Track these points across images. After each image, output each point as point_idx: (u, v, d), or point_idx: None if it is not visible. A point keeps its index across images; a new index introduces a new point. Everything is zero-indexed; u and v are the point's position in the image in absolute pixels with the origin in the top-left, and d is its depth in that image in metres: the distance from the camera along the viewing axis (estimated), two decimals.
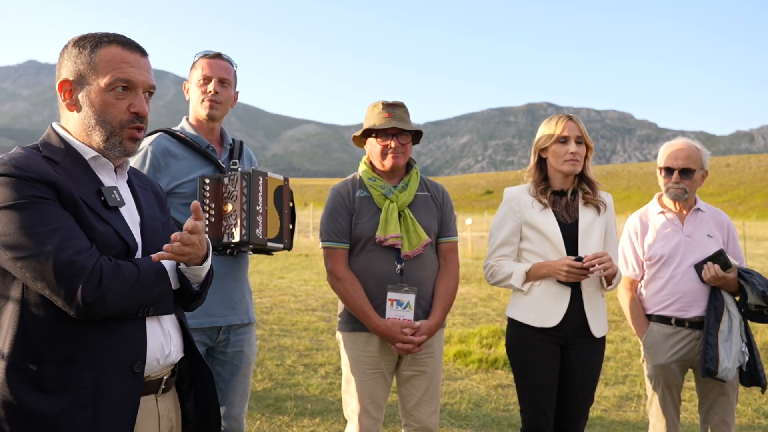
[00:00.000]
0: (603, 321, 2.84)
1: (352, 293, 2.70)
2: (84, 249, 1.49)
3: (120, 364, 1.55)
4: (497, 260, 2.88)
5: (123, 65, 1.62)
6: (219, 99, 2.60)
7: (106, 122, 1.63)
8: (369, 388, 2.74)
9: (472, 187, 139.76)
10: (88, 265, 1.48)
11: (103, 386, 1.52)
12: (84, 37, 1.65)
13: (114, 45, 1.63)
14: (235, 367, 2.64)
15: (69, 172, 1.58)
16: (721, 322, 2.92)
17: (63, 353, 1.50)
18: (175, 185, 2.51)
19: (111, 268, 1.51)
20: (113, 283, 1.50)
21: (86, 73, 1.62)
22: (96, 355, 1.52)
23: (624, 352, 6.54)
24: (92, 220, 1.56)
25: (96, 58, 1.61)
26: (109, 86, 1.61)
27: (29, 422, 1.47)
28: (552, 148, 2.86)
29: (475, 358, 6.02)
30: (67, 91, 1.64)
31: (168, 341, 1.68)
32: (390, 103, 2.80)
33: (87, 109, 1.63)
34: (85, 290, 1.46)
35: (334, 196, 2.82)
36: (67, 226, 1.50)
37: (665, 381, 3.08)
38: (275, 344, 6.53)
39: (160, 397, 1.69)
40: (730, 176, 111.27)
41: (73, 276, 1.45)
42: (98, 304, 1.48)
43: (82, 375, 1.51)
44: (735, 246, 3.17)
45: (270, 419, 4.30)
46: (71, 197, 1.53)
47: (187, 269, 1.68)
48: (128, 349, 1.56)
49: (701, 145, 3.14)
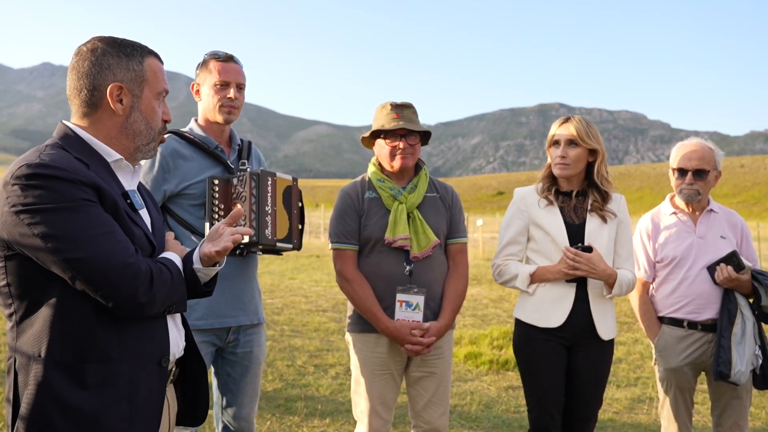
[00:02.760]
0: (611, 323, 2.82)
1: (361, 294, 2.70)
2: (134, 252, 1.55)
3: (151, 359, 1.63)
4: (504, 260, 2.88)
5: (163, 76, 1.74)
6: (237, 105, 2.63)
7: (152, 128, 1.71)
8: (378, 389, 2.74)
9: (483, 188, 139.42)
10: (144, 268, 1.54)
11: (138, 380, 1.59)
12: (125, 43, 1.69)
13: (153, 57, 1.73)
14: (244, 367, 2.65)
15: (100, 174, 1.61)
16: (735, 324, 2.89)
17: (102, 351, 1.55)
18: (185, 186, 2.52)
19: (158, 270, 1.59)
20: (161, 284, 1.58)
21: (137, 80, 1.68)
22: (131, 352, 1.59)
23: (636, 354, 6.50)
24: (128, 223, 1.61)
25: (145, 67, 1.69)
26: (158, 96, 1.71)
27: (71, 419, 1.51)
28: (550, 149, 2.87)
29: (485, 359, 6.00)
30: (118, 95, 1.66)
31: (181, 336, 1.78)
32: (398, 104, 2.79)
33: (137, 115, 1.69)
34: (141, 291, 1.52)
35: (343, 198, 2.83)
36: (116, 230, 1.54)
37: (677, 384, 3.05)
38: (286, 345, 6.54)
39: (168, 387, 1.76)
40: (744, 177, 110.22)
41: (131, 278, 1.51)
42: (150, 304, 1.56)
43: (120, 371, 1.57)
44: (749, 247, 3.13)
45: (280, 419, 4.31)
46: (112, 200, 1.58)
47: (202, 269, 1.73)
48: (156, 345, 1.65)
49: (715, 146, 3.10)
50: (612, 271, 2.73)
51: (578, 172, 2.83)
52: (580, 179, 2.87)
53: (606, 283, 2.75)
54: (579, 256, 2.66)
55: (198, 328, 2.50)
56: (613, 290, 2.75)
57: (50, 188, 1.47)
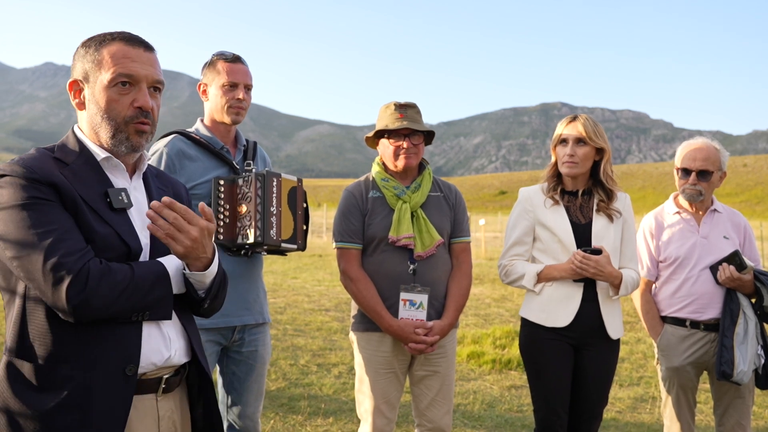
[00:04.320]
0: (619, 322, 2.83)
1: (365, 293, 2.71)
2: (75, 251, 1.48)
3: (112, 366, 1.53)
4: (510, 260, 2.88)
5: (124, 60, 1.62)
6: (245, 106, 2.65)
7: (111, 118, 1.63)
8: (382, 388, 2.75)
9: (485, 187, 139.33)
10: (75, 267, 1.46)
11: (93, 388, 1.51)
12: (92, 37, 1.67)
13: (118, 41, 1.64)
14: (249, 366, 2.66)
15: (78, 173, 1.60)
16: (737, 324, 2.89)
17: (55, 352, 1.51)
18: (190, 186, 2.52)
19: (99, 272, 1.49)
20: (101, 286, 1.48)
21: (91, 71, 1.63)
22: (87, 357, 1.52)
23: (639, 354, 6.50)
24: (92, 222, 1.55)
25: (99, 55, 1.63)
26: (112, 82, 1.61)
27: (28, 418, 1.49)
28: (557, 148, 2.87)
29: (488, 358, 6.01)
30: (76, 91, 1.67)
31: (168, 345, 1.64)
32: (402, 104, 2.80)
33: (93, 107, 1.64)
34: (70, 292, 1.45)
35: (347, 197, 2.84)
36: (63, 227, 1.50)
37: (680, 383, 3.06)
38: (289, 344, 6.56)
39: (161, 397, 1.66)
40: (747, 176, 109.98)
41: (60, 278, 1.45)
42: (83, 306, 1.46)
43: (72, 375, 1.51)
44: (751, 247, 3.13)
45: (284, 418, 4.33)
46: (72, 198, 1.54)
47: (191, 274, 1.65)
48: (121, 351, 1.55)
49: (720, 146, 3.08)
50: (618, 273, 2.73)
51: (585, 170, 2.84)
52: (586, 178, 2.88)
53: (611, 285, 2.76)
54: (588, 259, 2.67)
55: (203, 327, 2.51)
56: (619, 291, 2.76)
57: (6, 188, 1.51)
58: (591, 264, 2.66)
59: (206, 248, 1.63)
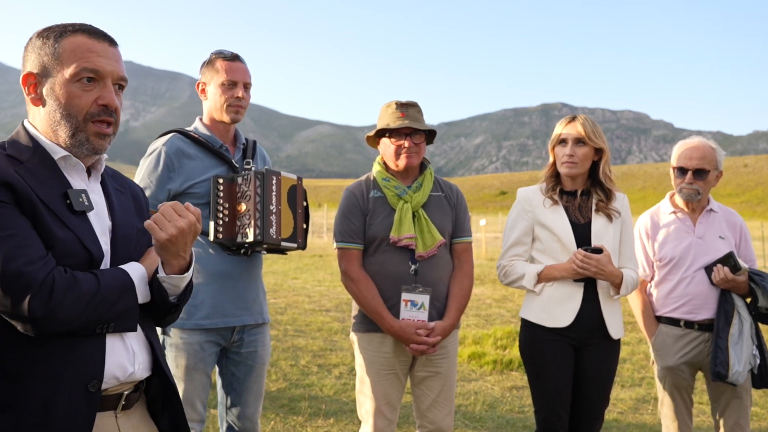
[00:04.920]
0: (619, 322, 2.82)
1: (366, 294, 2.69)
2: (37, 258, 1.38)
3: (74, 382, 1.43)
4: (510, 260, 2.87)
5: (89, 54, 1.51)
6: (244, 104, 2.63)
7: (72, 116, 1.51)
8: (383, 389, 2.73)
9: (486, 187, 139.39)
10: (39, 277, 1.36)
11: (53, 405, 1.41)
12: (48, 27, 1.54)
13: (79, 34, 1.53)
14: (249, 367, 2.64)
15: (33, 172, 1.47)
16: (732, 325, 2.89)
17: (12, 368, 1.40)
18: (189, 185, 2.51)
19: (65, 282, 1.39)
20: (66, 298, 1.38)
21: (50, 64, 1.51)
22: (47, 372, 1.41)
23: (640, 354, 6.48)
24: (51, 226, 1.44)
25: (60, 48, 1.50)
26: (75, 77, 1.50)
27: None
28: (556, 149, 2.86)
29: (489, 359, 6.00)
30: (31, 85, 1.54)
31: (132, 359, 1.55)
32: (403, 103, 2.79)
33: (52, 103, 1.51)
34: (33, 304, 1.34)
35: (348, 197, 2.82)
36: (21, 233, 1.38)
37: (674, 383, 3.06)
38: (289, 345, 6.54)
39: (120, 414, 1.56)
40: (747, 176, 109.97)
41: (21, 288, 1.34)
42: (47, 319, 1.36)
43: (31, 392, 1.40)
44: (747, 247, 3.13)
45: (284, 419, 4.31)
46: (29, 200, 1.42)
47: (167, 278, 1.57)
48: (83, 367, 1.45)
49: (717, 145, 3.09)
50: (618, 272, 2.73)
51: (585, 170, 2.83)
52: (584, 178, 2.87)
53: (612, 284, 2.74)
54: (589, 257, 2.65)
55: (202, 327, 2.50)
56: (620, 291, 2.75)
57: None
58: (592, 263, 2.65)
59: (187, 247, 1.58)
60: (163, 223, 1.53)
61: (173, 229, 1.53)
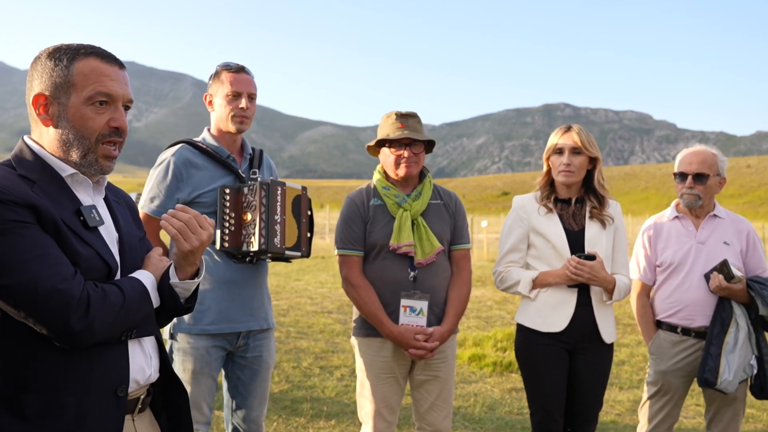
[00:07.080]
0: (612, 327, 2.89)
1: (366, 300, 2.77)
2: (70, 276, 1.44)
3: (104, 388, 1.51)
4: (506, 266, 2.95)
5: (103, 78, 1.56)
6: (249, 114, 2.70)
7: (84, 137, 1.56)
8: (383, 392, 2.81)
9: (488, 188, 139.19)
10: (75, 294, 1.42)
11: (87, 412, 1.48)
12: (59, 48, 1.58)
13: (92, 57, 1.57)
14: (254, 371, 2.72)
15: (47, 191, 1.52)
16: (727, 333, 2.89)
17: (46, 380, 1.46)
18: (197, 195, 2.59)
19: (98, 296, 1.46)
20: (100, 310, 1.45)
21: (62, 86, 1.55)
22: (80, 381, 1.48)
23: (639, 356, 6.54)
24: (74, 244, 1.50)
25: (74, 71, 1.55)
26: (89, 100, 1.55)
27: None
28: (551, 158, 2.93)
29: (489, 361, 6.06)
30: (42, 106, 1.57)
31: (149, 363, 1.65)
32: (403, 114, 2.86)
33: (65, 124, 1.56)
34: (73, 319, 1.41)
35: (349, 205, 2.90)
36: (51, 252, 1.43)
37: (665, 388, 3.09)
38: (291, 346, 6.61)
39: (136, 417, 1.65)
40: (750, 177, 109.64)
41: (60, 305, 1.40)
42: (86, 332, 1.43)
43: (66, 402, 1.46)
44: (755, 255, 3.10)
45: (286, 421, 4.38)
46: (52, 220, 1.47)
47: (179, 283, 1.65)
48: (112, 373, 1.53)
49: (718, 151, 3.12)
50: (611, 278, 2.80)
51: (580, 179, 2.91)
52: (578, 186, 2.95)
53: (605, 290, 2.82)
54: (582, 264, 2.73)
55: (209, 332, 2.58)
56: (613, 296, 2.82)
57: None
58: (585, 269, 2.72)
59: (200, 256, 1.70)
60: (188, 234, 1.63)
61: (197, 242, 1.64)
